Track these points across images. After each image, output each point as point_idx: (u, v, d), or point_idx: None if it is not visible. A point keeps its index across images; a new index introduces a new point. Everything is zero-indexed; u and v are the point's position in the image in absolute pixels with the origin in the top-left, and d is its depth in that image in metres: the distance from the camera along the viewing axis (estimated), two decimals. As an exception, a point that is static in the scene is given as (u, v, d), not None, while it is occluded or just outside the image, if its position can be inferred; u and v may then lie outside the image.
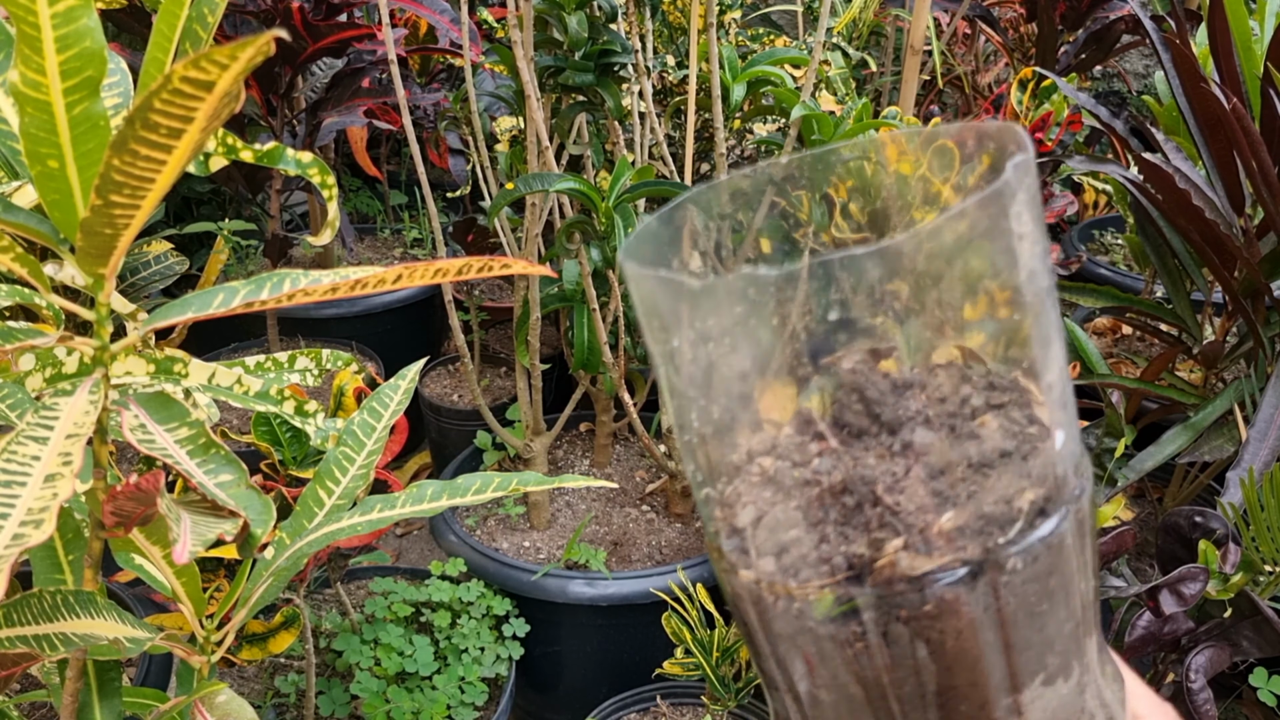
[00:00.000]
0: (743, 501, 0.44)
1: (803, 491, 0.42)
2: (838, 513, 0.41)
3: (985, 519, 0.40)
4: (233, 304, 0.69)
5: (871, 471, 0.41)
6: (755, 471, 0.44)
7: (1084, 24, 2.21)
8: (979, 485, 0.40)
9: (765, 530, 0.42)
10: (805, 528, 0.41)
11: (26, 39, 0.57)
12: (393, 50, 1.53)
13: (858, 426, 0.44)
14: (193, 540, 0.65)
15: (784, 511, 0.42)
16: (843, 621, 0.41)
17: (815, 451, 0.43)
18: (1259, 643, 1.05)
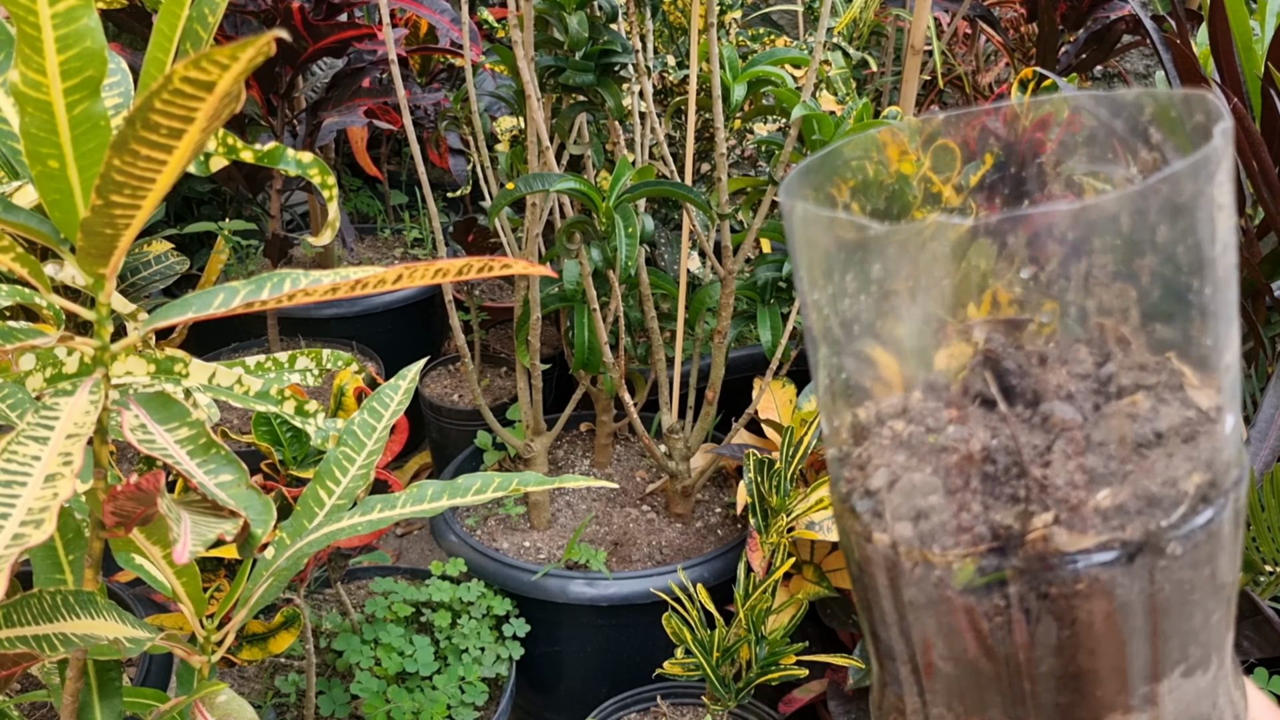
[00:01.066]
0: (874, 464, 0.43)
1: (939, 458, 0.41)
2: (979, 481, 0.40)
3: (1148, 499, 0.38)
4: (233, 304, 0.69)
5: (1013, 442, 0.40)
6: (886, 435, 0.43)
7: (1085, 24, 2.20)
8: (1139, 464, 0.39)
9: (900, 494, 0.41)
10: (944, 494, 0.40)
11: (27, 39, 0.57)
12: (393, 50, 1.53)
13: (990, 396, 0.42)
14: (193, 540, 0.65)
15: (921, 476, 0.41)
16: (984, 593, 0.40)
17: (947, 419, 0.42)
18: (1259, 643, 1.05)
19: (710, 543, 1.88)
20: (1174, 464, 0.39)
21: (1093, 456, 0.39)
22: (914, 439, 0.41)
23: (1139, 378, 0.41)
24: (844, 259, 0.40)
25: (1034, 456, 0.39)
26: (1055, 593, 0.38)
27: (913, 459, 0.41)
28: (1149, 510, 0.38)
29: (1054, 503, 0.38)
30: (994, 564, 0.39)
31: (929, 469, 0.40)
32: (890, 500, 0.41)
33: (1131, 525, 0.38)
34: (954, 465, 0.40)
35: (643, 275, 1.71)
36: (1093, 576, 0.38)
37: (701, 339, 1.86)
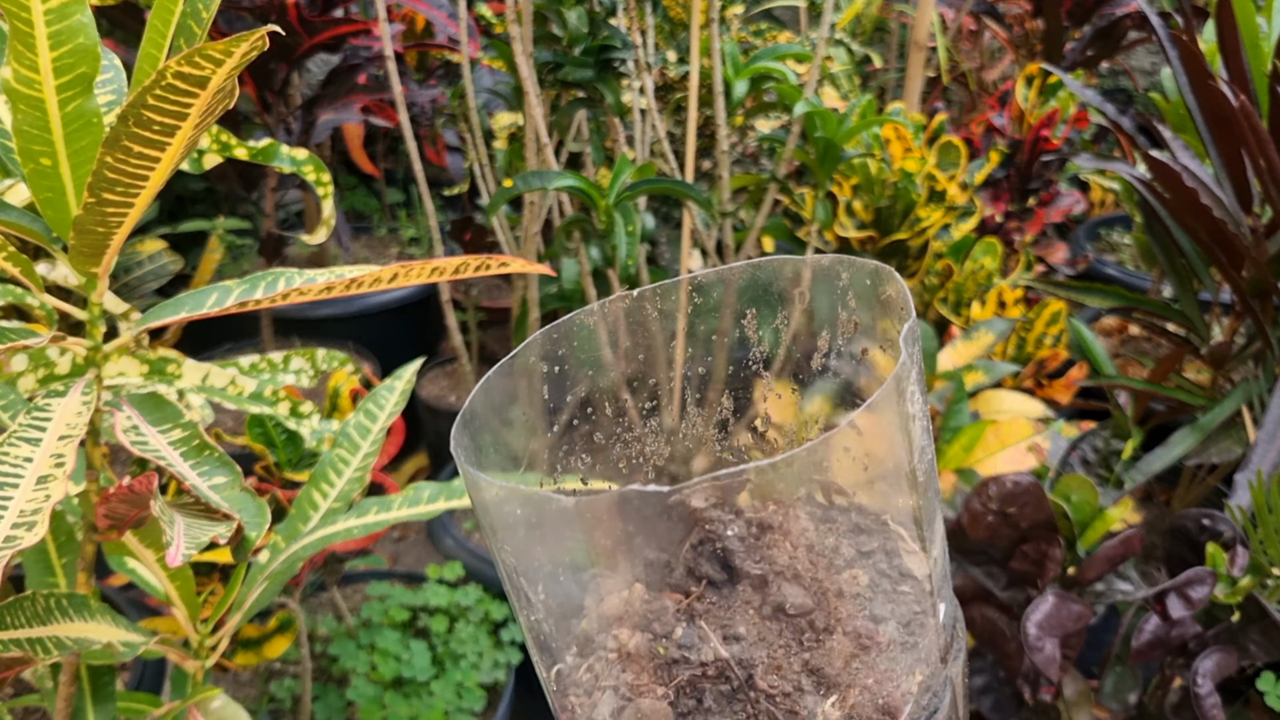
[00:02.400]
0: (601, 686, 0.39)
1: (669, 674, 0.38)
2: (713, 700, 0.37)
3: (872, 702, 0.37)
4: (227, 303, 0.69)
5: (742, 644, 0.38)
6: (612, 647, 0.40)
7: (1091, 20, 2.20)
8: (861, 661, 0.37)
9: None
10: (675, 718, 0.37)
11: (19, 35, 0.56)
12: (389, 46, 1.52)
13: (716, 578, 0.40)
14: (186, 544, 0.64)
15: (651, 703, 0.38)
16: None
17: (674, 613, 0.39)
18: (1267, 647, 1.04)
19: (709, 544, 1.86)
20: (895, 657, 0.38)
21: (816, 652, 0.37)
22: (641, 651, 0.39)
23: (860, 543, 0.40)
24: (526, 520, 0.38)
25: (765, 661, 0.37)
26: None
27: (642, 678, 0.38)
28: (874, 717, 0.37)
29: (785, 715, 0.37)
30: None
31: (660, 690, 0.38)
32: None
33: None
34: (685, 683, 0.38)
35: (643, 274, 1.70)
36: None
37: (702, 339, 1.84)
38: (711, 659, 0.37)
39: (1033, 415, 1.27)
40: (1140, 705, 1.12)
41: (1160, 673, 1.12)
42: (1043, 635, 0.99)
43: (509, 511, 0.38)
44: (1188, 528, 1.10)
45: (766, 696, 0.36)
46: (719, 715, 0.37)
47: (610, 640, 0.40)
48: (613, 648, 0.39)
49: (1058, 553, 1.03)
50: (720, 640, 0.38)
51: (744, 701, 0.37)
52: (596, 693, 0.39)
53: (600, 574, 0.41)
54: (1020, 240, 1.86)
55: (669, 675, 0.38)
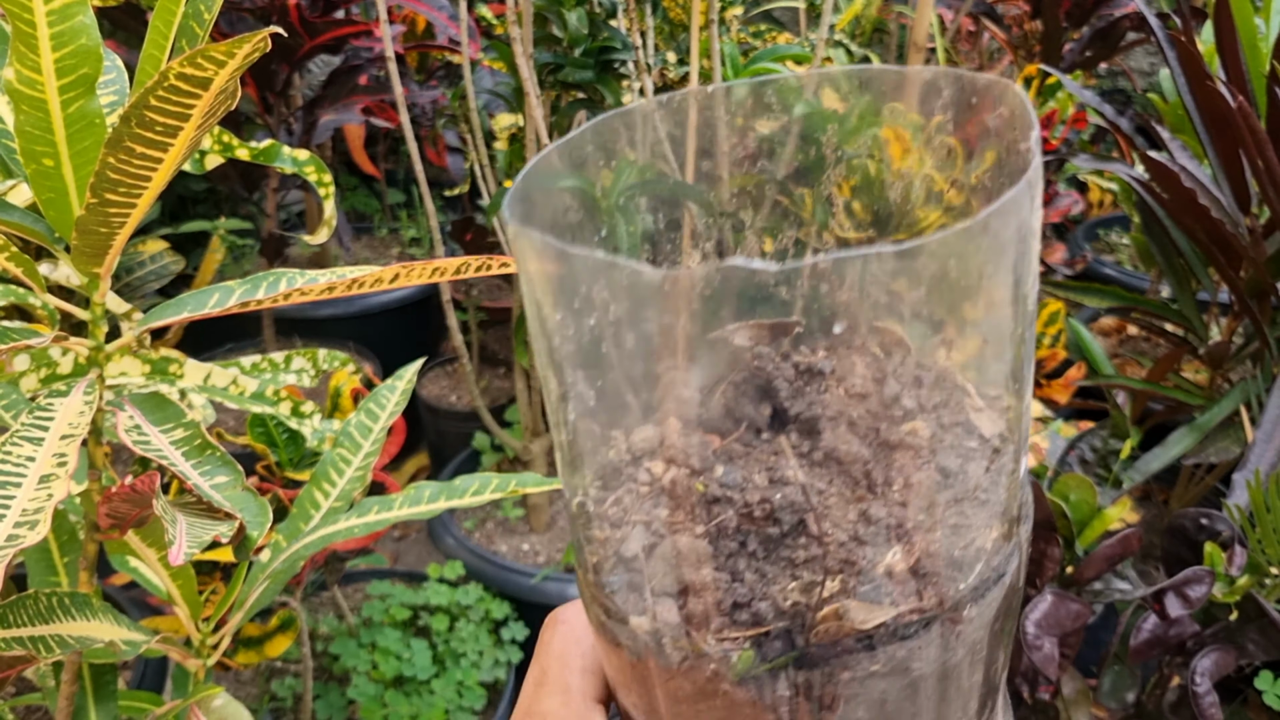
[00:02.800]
0: (631, 520, 0.35)
1: (709, 513, 0.34)
2: (758, 543, 0.33)
3: (942, 559, 0.33)
4: (228, 304, 0.69)
5: (790, 488, 0.34)
6: (644, 479, 0.36)
7: (1089, 21, 2.20)
8: (924, 511, 0.34)
9: (663, 563, 0.34)
10: (716, 562, 0.33)
11: (22, 36, 0.57)
12: (390, 47, 1.52)
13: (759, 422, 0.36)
14: (188, 543, 0.64)
15: (687, 540, 0.34)
16: (764, 682, 0.33)
17: (713, 450, 0.35)
18: (1265, 646, 1.04)
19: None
20: (965, 513, 0.34)
21: (879, 505, 0.34)
22: (677, 486, 0.35)
23: (921, 397, 0.36)
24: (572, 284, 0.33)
25: (817, 505, 0.34)
26: (847, 677, 0.33)
27: (677, 513, 0.34)
28: (945, 574, 0.33)
29: (840, 565, 0.33)
30: (777, 649, 0.33)
31: (698, 528, 0.34)
32: (651, 571, 0.34)
33: (928, 592, 0.33)
34: (727, 524, 0.34)
35: (642, 274, 1.70)
36: (890, 655, 0.33)
37: (701, 339, 1.85)
38: (757, 500, 0.33)
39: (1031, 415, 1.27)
40: (1138, 704, 1.12)
41: (1158, 671, 1.12)
42: (1041, 634, 0.99)
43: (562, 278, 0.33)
44: (1186, 527, 1.10)
45: (820, 543, 0.33)
46: (764, 561, 0.33)
47: (642, 473, 0.36)
48: (644, 480, 0.36)
49: (1056, 552, 1.04)
50: (767, 482, 0.34)
51: (793, 548, 0.33)
52: (625, 527, 0.36)
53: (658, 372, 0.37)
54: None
55: (708, 515, 0.34)
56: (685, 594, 0.34)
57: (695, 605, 0.33)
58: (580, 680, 0.44)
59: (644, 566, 0.35)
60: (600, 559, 0.36)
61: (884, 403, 0.35)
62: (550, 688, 0.45)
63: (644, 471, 0.36)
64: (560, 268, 0.33)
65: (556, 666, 0.45)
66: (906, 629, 0.33)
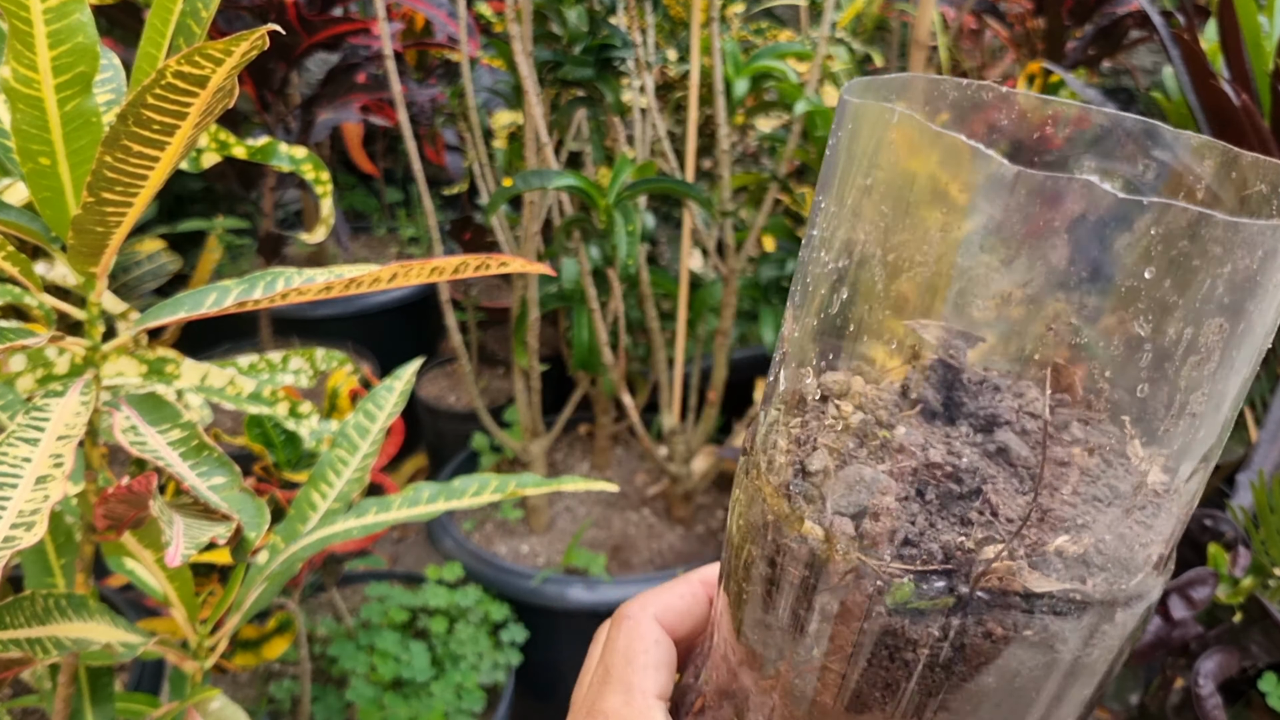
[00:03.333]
0: (818, 442, 0.37)
1: (895, 457, 0.36)
2: (935, 496, 0.35)
3: (1109, 556, 0.35)
4: (225, 303, 0.69)
5: (975, 463, 0.36)
6: (833, 414, 0.38)
7: (1092, 19, 2.19)
8: (1091, 517, 0.35)
9: (844, 485, 0.36)
10: (897, 497, 0.35)
11: (18, 34, 0.56)
12: (389, 45, 1.52)
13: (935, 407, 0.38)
14: (185, 544, 0.64)
15: (873, 471, 0.36)
16: (916, 617, 0.35)
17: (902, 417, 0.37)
18: (1269, 647, 1.04)
19: (712, 547, 1.86)
20: (1137, 529, 0.35)
21: (1049, 499, 0.35)
22: (866, 429, 0.37)
23: (1088, 433, 0.37)
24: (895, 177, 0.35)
25: (994, 482, 0.35)
26: (999, 634, 0.34)
27: (863, 449, 0.36)
28: (1114, 568, 0.35)
29: (1011, 535, 0.34)
30: (940, 588, 0.35)
31: (882, 465, 0.36)
32: (832, 489, 0.36)
33: (1094, 580, 0.34)
34: (911, 470, 0.36)
35: (643, 274, 1.70)
36: (1042, 625, 0.34)
37: (703, 339, 1.84)
38: (941, 459, 0.35)
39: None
40: (1141, 706, 1.11)
41: (1162, 673, 1.11)
42: (1044, 636, 0.99)
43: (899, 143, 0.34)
44: (1189, 528, 1.10)
45: (994, 513, 0.34)
46: (939, 513, 0.35)
47: (831, 408, 0.38)
48: (834, 414, 0.37)
49: (1059, 553, 1.03)
50: (945, 453, 0.36)
51: (969, 508, 0.35)
52: (810, 446, 0.37)
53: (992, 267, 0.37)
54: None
55: (894, 460, 0.36)
56: (862, 516, 0.35)
57: (870, 527, 0.35)
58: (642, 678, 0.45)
59: (825, 483, 0.36)
60: (785, 463, 0.38)
61: (1055, 425, 0.37)
62: (613, 685, 0.45)
63: (833, 407, 0.38)
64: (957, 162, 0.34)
65: (620, 664, 0.46)
66: (1066, 606, 0.34)
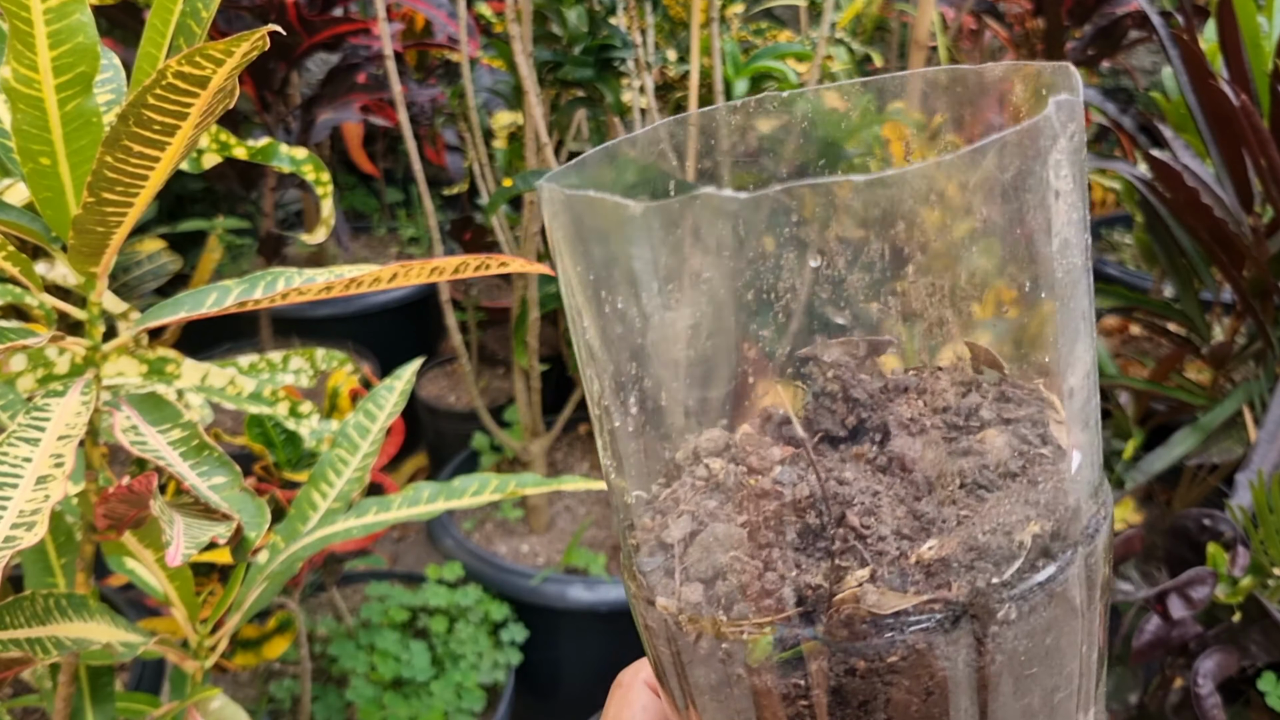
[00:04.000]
0: (679, 510, 0.36)
1: (756, 505, 0.34)
2: (796, 534, 0.33)
3: (977, 552, 0.32)
4: (226, 303, 0.69)
5: (846, 487, 0.34)
6: (701, 475, 0.36)
7: (1091, 19, 2.19)
8: (972, 510, 0.33)
9: (700, 549, 0.34)
10: (750, 549, 0.33)
11: (19, 34, 0.56)
12: (389, 45, 1.52)
13: (836, 432, 0.36)
14: (186, 544, 0.64)
15: (728, 529, 0.34)
16: (783, 671, 0.33)
17: (779, 458, 0.35)
18: (1267, 647, 1.04)
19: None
20: (1010, 509, 0.33)
21: (927, 500, 0.33)
22: (731, 481, 0.35)
23: (1002, 409, 0.36)
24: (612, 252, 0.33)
25: (865, 503, 0.33)
26: (864, 667, 0.32)
27: (724, 505, 0.35)
28: (978, 565, 0.32)
29: (873, 556, 0.32)
30: (794, 635, 0.32)
31: (741, 519, 0.34)
32: (687, 557, 0.35)
33: (957, 583, 0.32)
34: (770, 515, 0.34)
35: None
36: (909, 646, 0.32)
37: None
38: (805, 495, 0.33)
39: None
40: (1141, 705, 1.11)
41: (1161, 673, 1.11)
42: (1044, 636, 0.99)
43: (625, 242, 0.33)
44: (1188, 528, 1.10)
45: (857, 535, 0.33)
46: (800, 551, 0.33)
47: (700, 469, 0.36)
48: (701, 475, 0.36)
49: (1059, 553, 1.03)
50: (819, 481, 0.34)
51: (831, 538, 0.33)
52: (671, 515, 0.36)
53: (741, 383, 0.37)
54: (1021, 240, 1.85)
55: (756, 508, 0.34)
56: (715, 579, 0.34)
57: (720, 588, 0.33)
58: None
59: (680, 552, 0.35)
60: (640, 543, 0.37)
61: (961, 413, 0.36)
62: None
63: (703, 467, 0.36)
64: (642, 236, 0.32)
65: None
66: (929, 619, 0.32)
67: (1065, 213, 0.33)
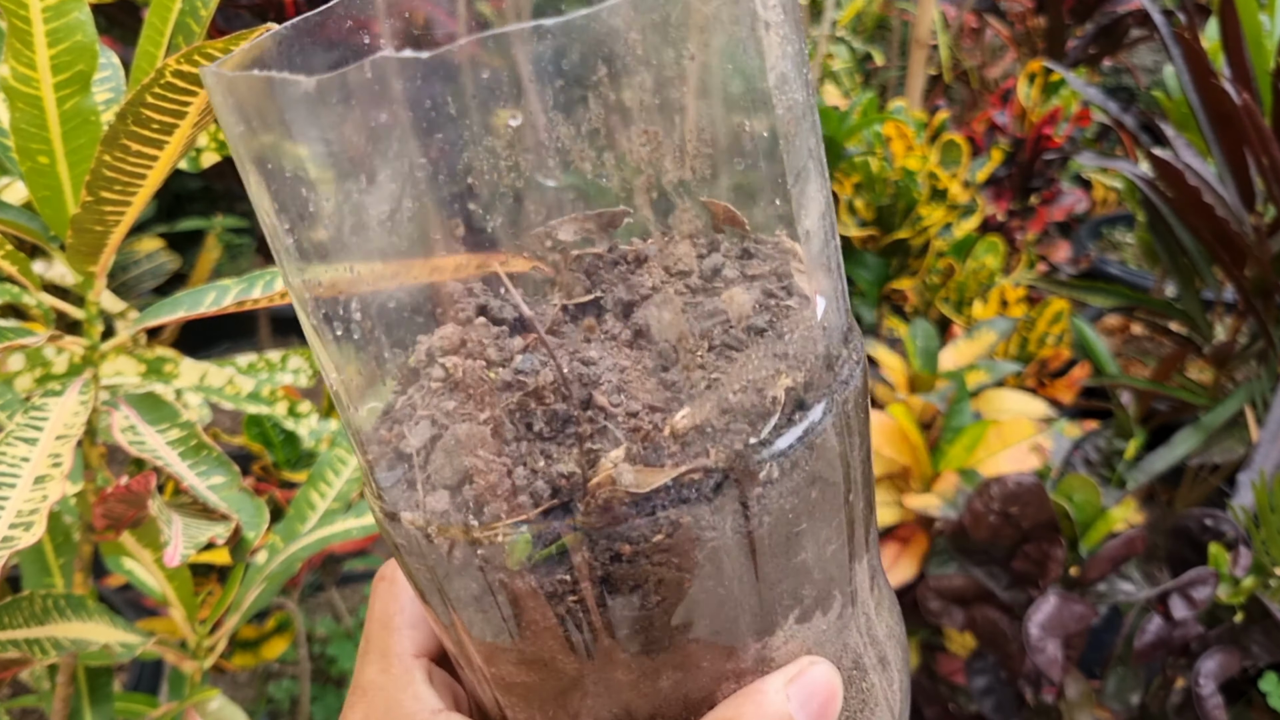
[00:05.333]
0: (417, 417, 0.33)
1: (499, 398, 0.32)
2: (544, 424, 0.31)
3: (731, 414, 0.31)
4: (224, 302, 0.68)
5: (592, 368, 0.32)
6: (438, 376, 0.33)
7: (1093, 17, 2.19)
8: (722, 371, 0.31)
9: (442, 454, 0.32)
10: (496, 446, 0.31)
11: (17, 33, 0.56)
12: (389, 44, 1.51)
13: (576, 312, 0.35)
14: (184, 544, 0.64)
15: (469, 428, 0.32)
16: (546, 570, 0.31)
17: (519, 346, 0.33)
18: (1269, 647, 1.03)
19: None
20: (759, 364, 0.32)
21: (674, 369, 0.32)
22: (469, 378, 0.33)
23: (745, 266, 0.34)
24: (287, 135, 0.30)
25: (613, 381, 0.32)
26: (630, 551, 0.31)
27: (466, 405, 0.32)
28: (733, 427, 0.31)
29: (626, 435, 0.31)
30: (552, 529, 0.31)
31: (483, 416, 0.32)
32: (429, 465, 0.32)
33: (715, 448, 0.31)
34: (514, 407, 0.32)
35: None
36: (673, 522, 0.30)
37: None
38: (549, 381, 0.31)
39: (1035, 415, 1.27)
40: (1142, 706, 1.11)
41: (1162, 673, 1.11)
42: (1045, 636, 0.98)
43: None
44: (1190, 528, 1.10)
45: (607, 415, 0.31)
46: (549, 441, 0.31)
47: (437, 369, 0.33)
48: (438, 376, 0.33)
49: (1060, 553, 1.03)
50: (565, 364, 0.32)
51: (580, 423, 0.31)
52: (409, 423, 0.33)
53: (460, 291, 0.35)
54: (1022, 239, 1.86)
55: (498, 402, 0.32)
56: (461, 484, 0.31)
57: (468, 493, 0.31)
58: (398, 640, 0.42)
59: (420, 461, 0.32)
60: (377, 458, 0.34)
61: (704, 275, 0.34)
62: (371, 655, 0.42)
63: (438, 367, 0.33)
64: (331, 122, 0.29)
65: (377, 630, 0.43)
66: (690, 491, 0.31)
67: (779, 45, 0.31)
